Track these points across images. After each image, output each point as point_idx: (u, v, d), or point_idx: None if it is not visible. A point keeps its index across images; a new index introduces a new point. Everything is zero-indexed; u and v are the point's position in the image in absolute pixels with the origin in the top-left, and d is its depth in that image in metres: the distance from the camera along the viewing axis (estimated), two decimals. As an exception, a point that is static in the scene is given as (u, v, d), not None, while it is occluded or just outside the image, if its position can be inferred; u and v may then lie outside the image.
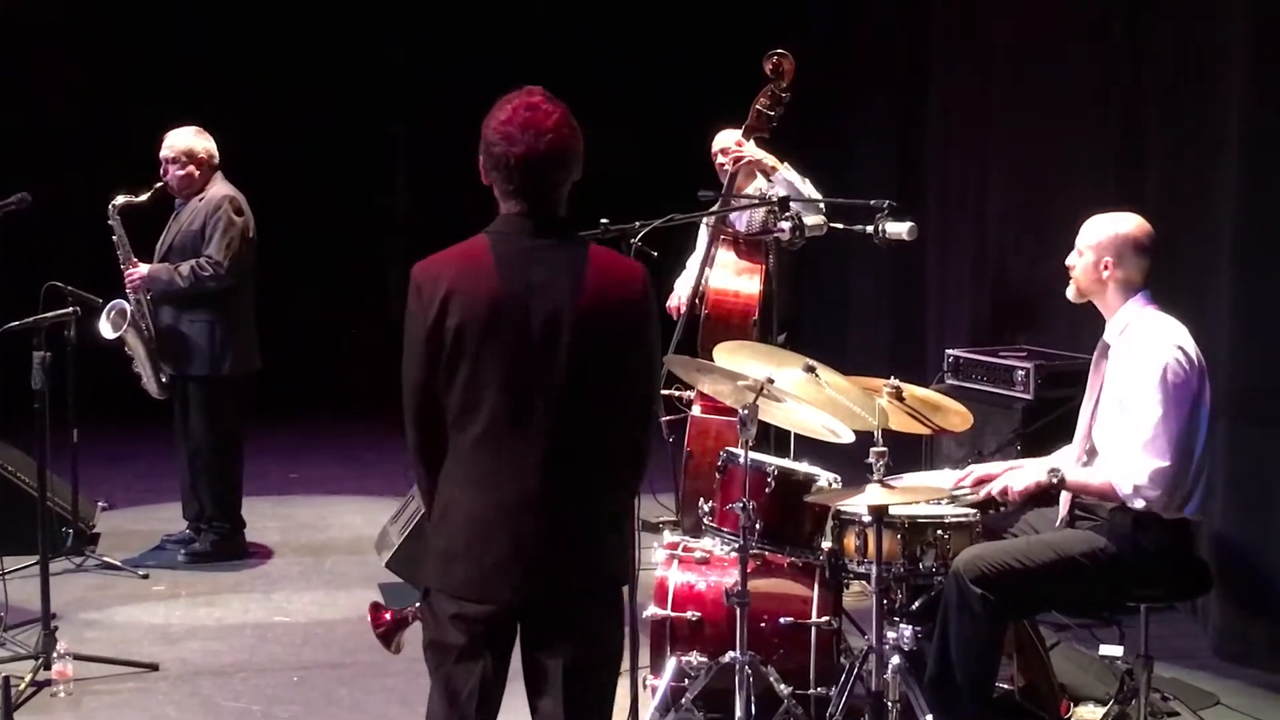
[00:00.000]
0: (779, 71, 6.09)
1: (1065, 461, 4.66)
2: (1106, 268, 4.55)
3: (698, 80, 10.18)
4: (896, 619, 4.66)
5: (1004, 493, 4.58)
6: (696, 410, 6.34)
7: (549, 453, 3.27)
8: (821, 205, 6.07)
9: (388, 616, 3.57)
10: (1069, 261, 4.65)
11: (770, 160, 6.15)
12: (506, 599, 3.28)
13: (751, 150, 6.18)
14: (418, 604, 3.80)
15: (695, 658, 4.81)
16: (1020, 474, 4.59)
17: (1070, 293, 4.68)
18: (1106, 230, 4.58)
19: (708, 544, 5.06)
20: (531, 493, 3.26)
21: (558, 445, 3.27)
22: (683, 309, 6.60)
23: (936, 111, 8.29)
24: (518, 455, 3.26)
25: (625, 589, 3.50)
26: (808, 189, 6.13)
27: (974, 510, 4.71)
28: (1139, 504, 4.37)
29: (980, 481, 4.72)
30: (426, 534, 3.44)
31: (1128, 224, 4.59)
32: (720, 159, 6.54)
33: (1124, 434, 4.43)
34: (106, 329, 6.72)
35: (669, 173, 7.71)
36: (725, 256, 6.47)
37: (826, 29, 9.28)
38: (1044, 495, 4.61)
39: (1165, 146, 6.29)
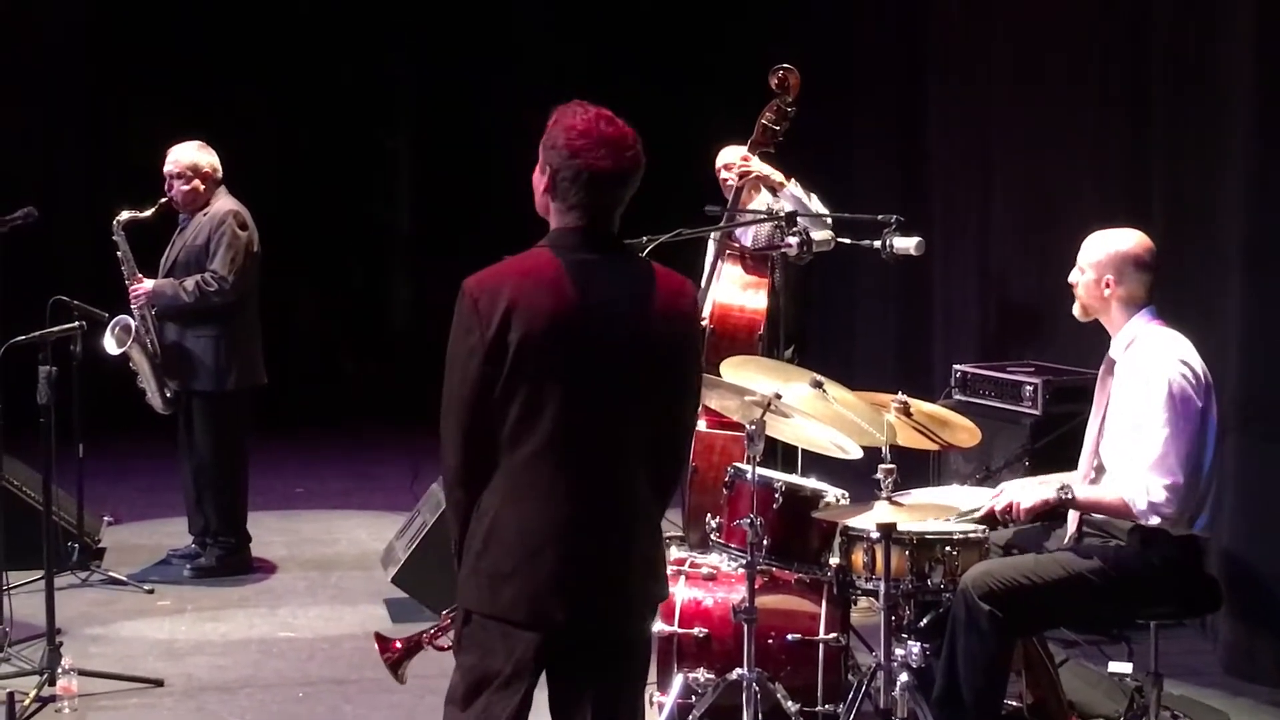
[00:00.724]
0: (784, 86, 6.09)
1: (1074, 478, 4.63)
2: (1108, 285, 4.54)
3: (703, 95, 10.18)
4: (904, 636, 4.65)
5: (1009, 509, 4.56)
6: (702, 425, 6.32)
7: (608, 470, 3.25)
8: (829, 220, 6.06)
9: (398, 645, 3.52)
10: (1071, 279, 4.64)
11: (777, 176, 6.15)
12: (558, 620, 3.22)
13: (758, 166, 6.17)
14: (431, 628, 3.78)
15: (702, 674, 4.79)
16: (1029, 491, 4.56)
17: (1076, 311, 4.67)
18: (1106, 248, 4.57)
19: (715, 560, 5.04)
20: (589, 510, 3.23)
21: (614, 463, 3.25)
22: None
23: (938, 125, 8.28)
24: (576, 472, 3.22)
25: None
26: (815, 205, 6.12)
27: (983, 526, 4.69)
28: (1153, 521, 4.35)
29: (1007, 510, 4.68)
30: (432, 551, 3.42)
31: (1127, 241, 4.58)
32: (725, 175, 6.54)
33: (1132, 452, 4.41)
34: (111, 345, 6.72)
35: (676, 188, 7.70)
36: (731, 271, 6.45)
37: (827, 42, 9.28)
38: (1052, 513, 4.59)
39: (1171, 158, 6.27)
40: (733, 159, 6.46)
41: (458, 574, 3.35)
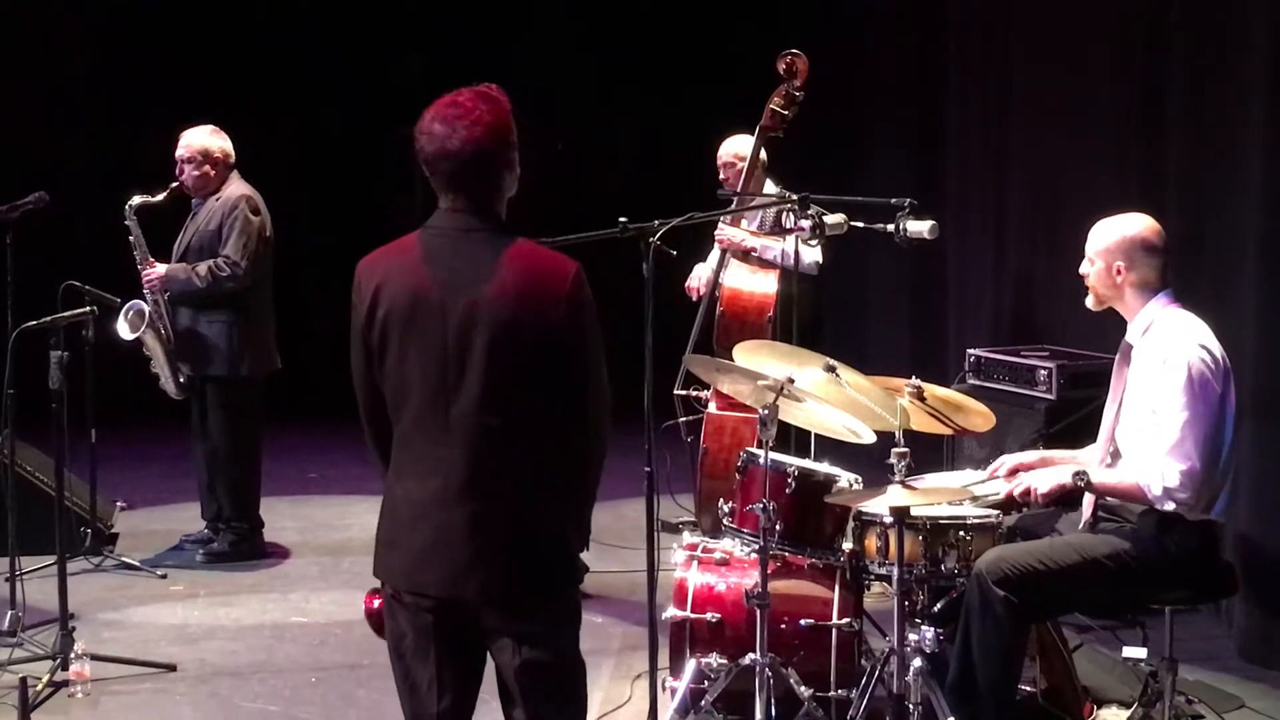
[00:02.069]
0: (792, 71, 6.09)
1: (1090, 463, 4.61)
2: (1119, 272, 4.50)
3: (716, 79, 10.15)
4: (918, 621, 4.64)
5: (1027, 493, 4.54)
6: (713, 407, 6.32)
7: (470, 447, 3.27)
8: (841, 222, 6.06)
9: (376, 604, 3.55)
10: (1082, 271, 4.61)
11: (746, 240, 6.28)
12: (430, 592, 3.30)
13: (730, 233, 6.33)
14: None
15: (715, 659, 4.78)
16: (1045, 475, 4.54)
17: (1090, 302, 4.64)
18: (1113, 234, 4.53)
19: (727, 545, 5.03)
20: (453, 486, 3.28)
21: (479, 441, 3.27)
22: (701, 292, 6.60)
23: (954, 108, 8.26)
24: (440, 447, 3.29)
25: (636, 593, 3.47)
26: (806, 252, 6.12)
27: (996, 511, 4.68)
28: (1169, 506, 4.33)
29: (1014, 472, 4.68)
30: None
31: (1135, 225, 4.54)
32: (723, 173, 6.57)
33: (1150, 436, 4.39)
34: (124, 330, 6.72)
35: (688, 172, 7.69)
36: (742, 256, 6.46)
37: (841, 27, 9.25)
38: (1068, 497, 4.57)
39: (1186, 142, 6.24)
40: (734, 150, 6.49)
41: None
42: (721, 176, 6.63)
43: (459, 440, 3.27)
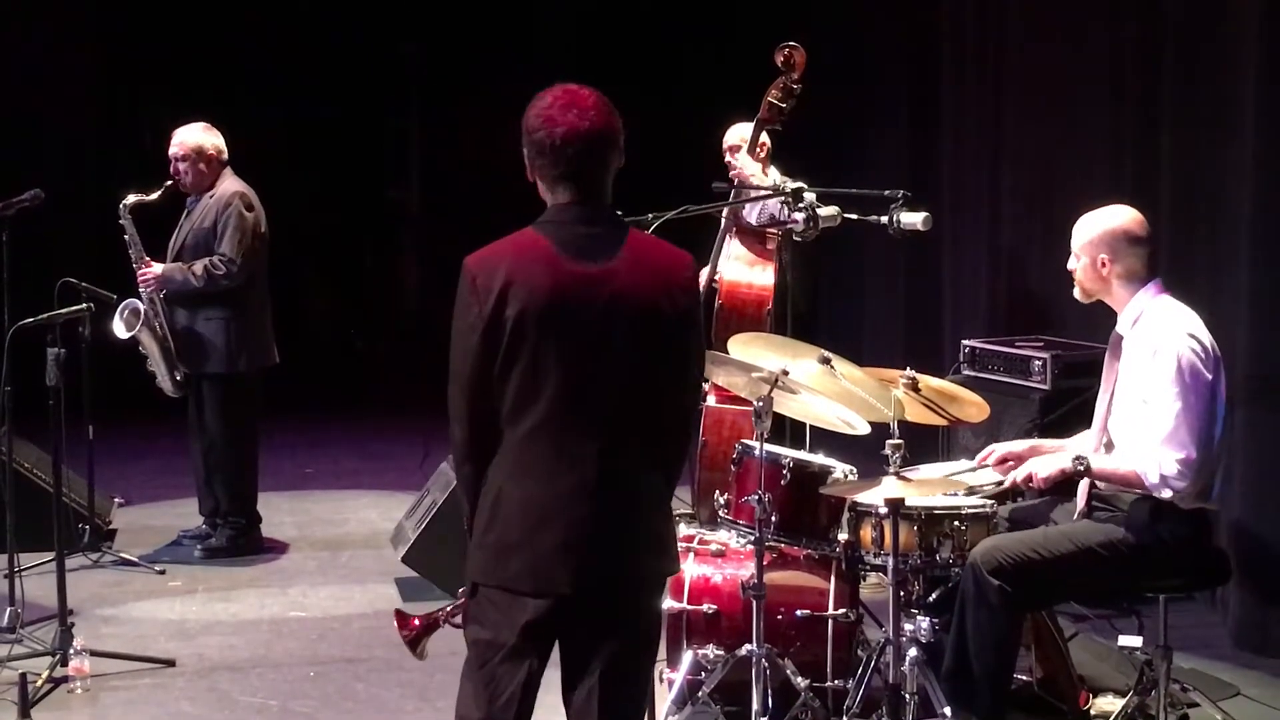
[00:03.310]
0: (790, 63, 6.09)
1: (1087, 449, 4.63)
2: (1104, 265, 4.52)
3: (711, 72, 10.15)
4: (914, 611, 4.65)
5: (1029, 479, 4.55)
6: (711, 400, 6.33)
7: (608, 441, 3.26)
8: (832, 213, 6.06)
9: (416, 622, 3.54)
10: (1069, 266, 4.63)
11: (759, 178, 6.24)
12: (564, 589, 3.25)
13: (744, 161, 6.26)
14: (448, 606, 3.79)
15: (712, 651, 4.79)
16: (1046, 461, 4.56)
17: (1078, 295, 4.66)
18: (1096, 227, 4.55)
19: (723, 536, 5.04)
20: (590, 481, 3.25)
21: (616, 433, 3.27)
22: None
23: (949, 101, 8.26)
24: (576, 444, 3.25)
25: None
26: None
27: (992, 501, 4.69)
28: (1166, 494, 4.34)
29: (1003, 460, 4.69)
30: (441, 529, 3.43)
31: (1117, 217, 4.56)
32: (729, 157, 6.56)
33: (1144, 427, 4.40)
34: (120, 328, 6.72)
35: (682, 165, 7.70)
36: (738, 248, 6.47)
37: (838, 19, 9.25)
38: (1067, 484, 4.59)
39: (1180, 132, 6.25)
40: (737, 138, 6.48)
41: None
42: (727, 161, 6.63)
43: (596, 435, 3.25)
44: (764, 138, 6.52)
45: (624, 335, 3.26)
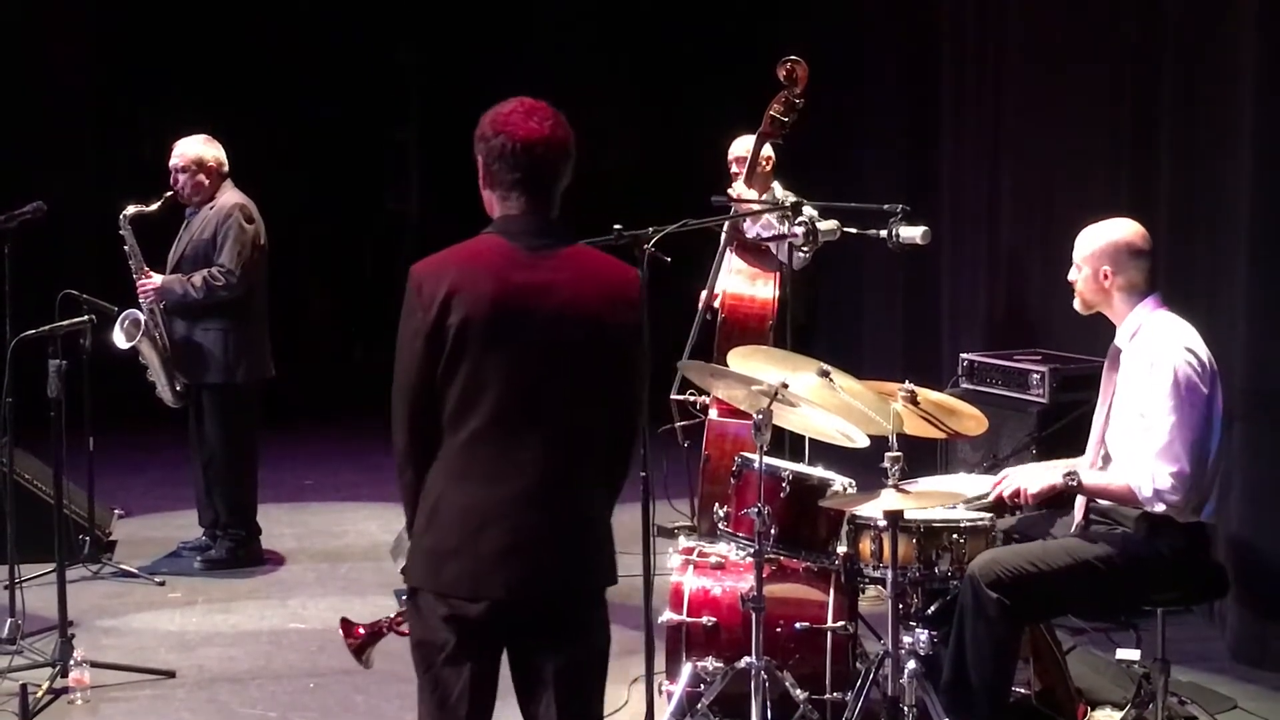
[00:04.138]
0: (792, 77, 6.11)
1: (1082, 465, 4.64)
2: (1106, 277, 4.54)
3: (711, 86, 10.18)
4: (912, 623, 4.66)
5: (1018, 494, 4.57)
6: (713, 414, 6.34)
7: (547, 450, 3.29)
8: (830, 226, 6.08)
9: (361, 631, 3.56)
10: (1070, 277, 4.65)
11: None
12: (500, 594, 3.28)
13: (741, 189, 6.29)
14: (394, 614, 3.81)
15: (711, 663, 4.80)
16: (1035, 476, 4.58)
17: (1078, 306, 4.68)
18: (1099, 239, 4.57)
19: (723, 549, 5.05)
20: (531, 488, 3.29)
21: (555, 443, 3.30)
22: (702, 305, 6.60)
23: (948, 114, 8.28)
24: (517, 451, 3.28)
25: (632, 598, 3.50)
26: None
27: (989, 514, 4.70)
28: (1159, 508, 4.36)
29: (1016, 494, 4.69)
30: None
31: (1120, 230, 4.58)
32: (735, 168, 6.57)
33: (1139, 440, 4.42)
34: (120, 339, 6.73)
35: (682, 178, 7.72)
36: (738, 263, 6.48)
37: (837, 32, 9.28)
38: (1059, 498, 4.60)
39: (1178, 147, 6.27)
40: (743, 150, 6.50)
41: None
42: (733, 172, 6.65)
43: (536, 443, 3.28)
44: (769, 151, 6.55)
45: (567, 346, 3.28)
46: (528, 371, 3.27)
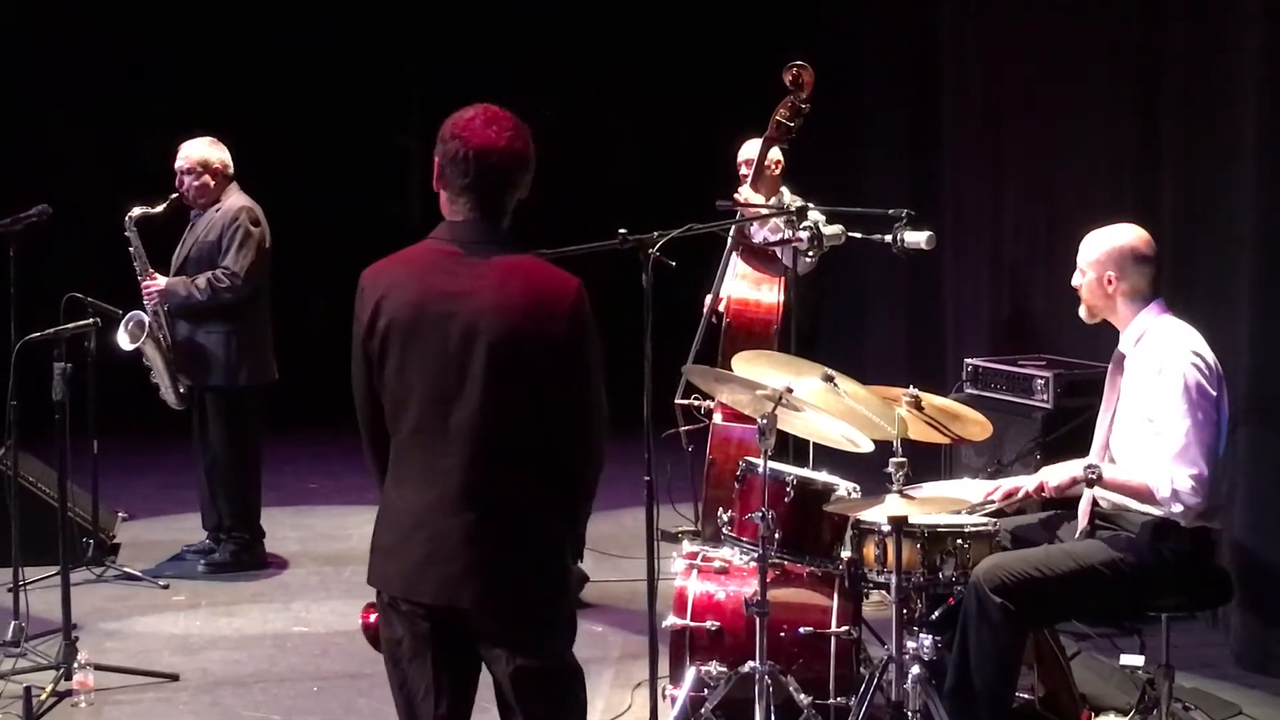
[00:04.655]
0: (799, 83, 6.11)
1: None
2: (1110, 282, 4.54)
3: (716, 90, 10.19)
4: (916, 628, 4.66)
5: (1041, 489, 4.55)
6: (718, 418, 6.35)
7: (468, 458, 3.29)
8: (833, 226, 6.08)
9: (372, 619, 3.57)
10: (1074, 283, 4.65)
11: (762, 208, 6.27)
12: (426, 600, 3.32)
13: (748, 194, 6.29)
14: None
15: (715, 667, 4.80)
16: (1057, 469, 4.55)
17: (1082, 313, 4.68)
18: (1103, 245, 4.57)
19: (727, 553, 5.05)
20: (450, 496, 3.30)
21: (477, 452, 3.29)
22: (707, 309, 6.61)
23: (950, 119, 8.29)
24: (439, 457, 3.31)
25: (637, 601, 3.49)
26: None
27: (994, 519, 4.70)
28: (1176, 509, 4.35)
29: (1009, 495, 4.69)
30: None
31: (1124, 235, 4.58)
32: (745, 170, 6.57)
33: (1151, 444, 4.41)
34: (124, 340, 6.74)
35: (687, 183, 7.72)
36: (743, 267, 6.48)
37: (839, 37, 9.29)
38: (1069, 500, 4.59)
39: (1181, 152, 6.27)
40: (752, 153, 6.50)
41: None
42: (743, 174, 6.65)
43: (456, 451, 3.29)
44: (778, 155, 6.55)
45: (485, 356, 3.26)
46: (443, 378, 3.29)
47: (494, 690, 3.42)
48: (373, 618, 3.53)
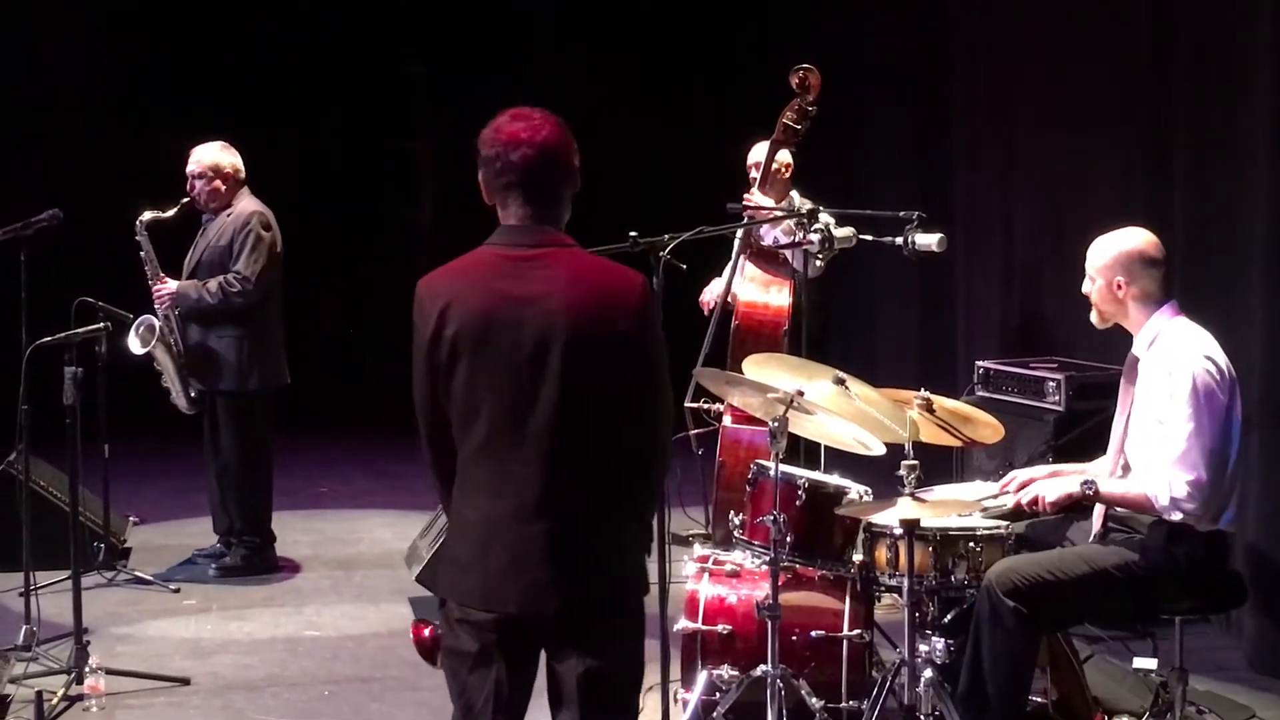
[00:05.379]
0: (805, 85, 6.11)
1: (1099, 473, 4.63)
2: (1120, 287, 4.53)
3: (725, 93, 10.19)
4: (928, 632, 4.64)
5: (1035, 502, 4.55)
6: (728, 421, 6.34)
7: (545, 464, 3.27)
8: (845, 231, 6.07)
9: (426, 633, 3.56)
10: (1084, 289, 4.63)
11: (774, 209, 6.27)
12: (510, 610, 3.29)
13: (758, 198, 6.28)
14: None
15: (726, 671, 4.79)
16: (1053, 484, 4.56)
17: (1094, 319, 4.67)
18: (1111, 250, 4.56)
19: (738, 557, 5.04)
20: (529, 504, 3.28)
21: (554, 457, 3.27)
22: (713, 307, 6.61)
23: (960, 121, 8.27)
24: (515, 466, 3.28)
25: (647, 605, 3.49)
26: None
27: (1006, 522, 4.69)
28: (1176, 516, 4.34)
29: (1023, 487, 4.69)
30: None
31: (1131, 239, 4.56)
32: (754, 173, 6.57)
33: (1157, 448, 4.40)
34: (135, 344, 6.75)
35: (698, 186, 7.72)
36: (752, 270, 6.48)
37: (849, 40, 9.28)
38: (1077, 506, 4.59)
39: (1194, 152, 6.25)
40: (761, 157, 6.50)
41: None
42: (752, 177, 6.66)
43: (533, 456, 3.26)
44: (787, 158, 6.55)
45: (560, 358, 3.24)
46: (517, 384, 3.25)
47: (549, 687, 3.39)
48: (427, 631, 3.52)
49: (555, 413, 3.25)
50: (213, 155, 6.87)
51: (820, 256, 5.85)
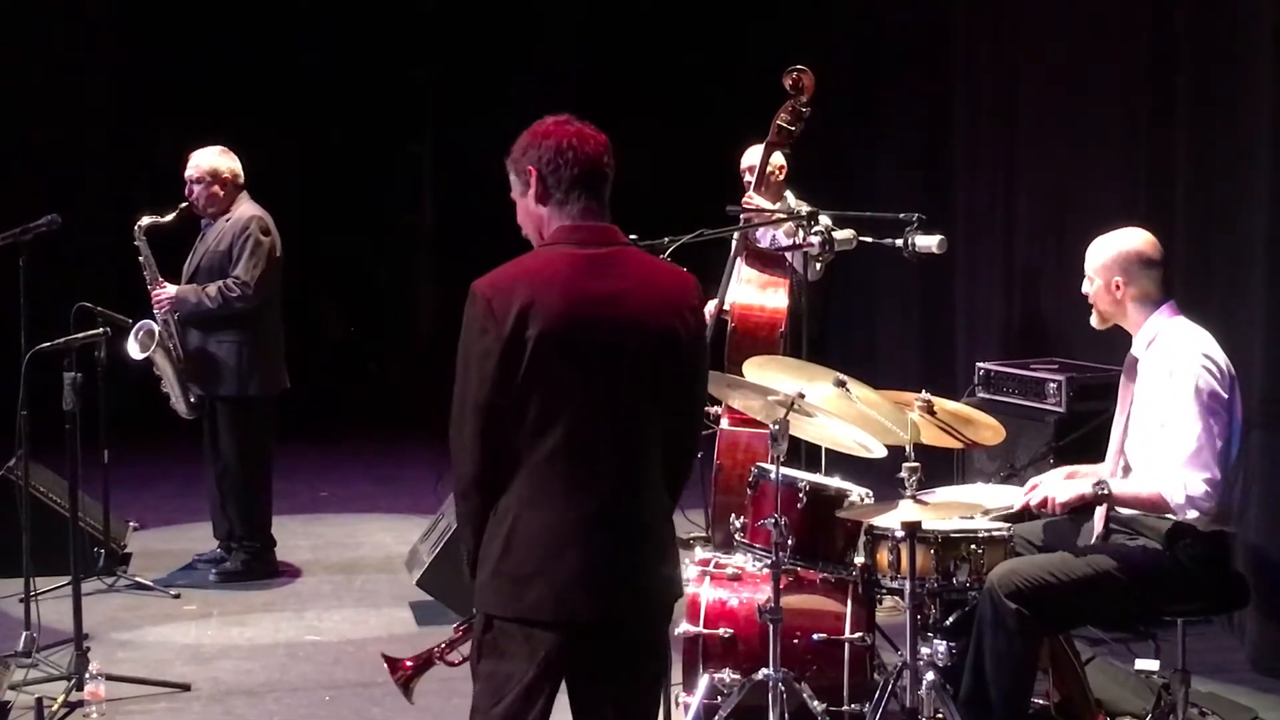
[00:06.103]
0: (799, 86, 6.10)
1: (1101, 474, 4.62)
2: (1118, 288, 4.52)
3: (724, 95, 10.17)
4: (930, 635, 4.64)
5: (1045, 504, 4.54)
6: (725, 423, 6.33)
7: (620, 464, 3.25)
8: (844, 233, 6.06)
9: (408, 664, 3.52)
10: (1083, 290, 4.63)
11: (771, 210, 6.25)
12: (584, 615, 3.21)
13: (758, 201, 6.28)
14: (442, 643, 3.78)
15: (728, 675, 4.79)
16: (1065, 486, 4.54)
17: (1094, 321, 4.67)
18: (1110, 250, 4.56)
19: (739, 560, 5.04)
20: (605, 506, 3.23)
21: (627, 456, 3.26)
22: (714, 313, 6.60)
23: (963, 123, 8.27)
24: (592, 467, 3.22)
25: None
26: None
27: (1007, 524, 4.68)
28: (1191, 515, 4.33)
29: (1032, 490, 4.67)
30: (456, 553, 3.44)
31: (1129, 240, 4.56)
32: (748, 176, 6.56)
33: (1165, 450, 4.39)
34: (134, 349, 6.74)
35: (697, 189, 7.71)
36: (749, 271, 6.47)
37: (850, 42, 9.27)
38: (1088, 508, 4.58)
39: (1195, 153, 6.25)
40: (755, 160, 6.49)
41: (472, 582, 3.34)
42: (745, 181, 6.65)
43: (606, 458, 3.22)
44: (781, 160, 6.54)
45: (638, 356, 3.23)
46: (602, 384, 3.21)
47: (582, 700, 3.34)
48: (407, 664, 3.49)
49: (637, 412, 3.24)
50: (211, 160, 6.87)
51: (820, 259, 5.84)
